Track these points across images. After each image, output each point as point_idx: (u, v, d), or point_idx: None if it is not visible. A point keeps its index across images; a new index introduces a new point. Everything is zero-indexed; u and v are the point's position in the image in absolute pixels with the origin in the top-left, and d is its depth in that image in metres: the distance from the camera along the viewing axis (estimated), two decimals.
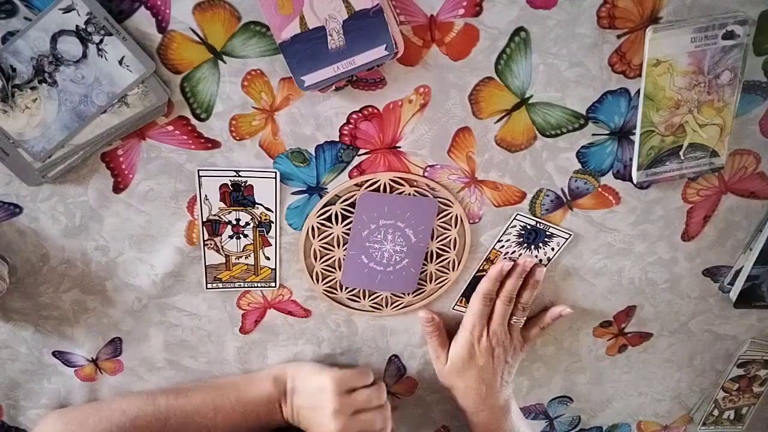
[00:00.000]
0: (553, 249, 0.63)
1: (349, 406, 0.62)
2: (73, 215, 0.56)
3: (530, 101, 0.54)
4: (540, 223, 0.61)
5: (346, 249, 0.61)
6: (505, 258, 0.64)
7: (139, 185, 0.55)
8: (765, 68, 0.55)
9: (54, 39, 0.46)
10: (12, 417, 0.67)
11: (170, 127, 0.53)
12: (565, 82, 0.53)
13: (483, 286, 0.64)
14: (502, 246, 0.63)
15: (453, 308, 0.67)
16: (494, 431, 0.68)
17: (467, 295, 0.66)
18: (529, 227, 0.61)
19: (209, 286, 0.62)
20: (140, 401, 0.61)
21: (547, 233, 0.62)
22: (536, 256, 0.64)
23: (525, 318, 0.67)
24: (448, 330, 0.69)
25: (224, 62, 0.50)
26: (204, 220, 0.58)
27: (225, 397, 0.63)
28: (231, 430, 0.62)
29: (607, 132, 0.57)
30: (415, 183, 0.58)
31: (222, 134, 0.53)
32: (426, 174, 0.58)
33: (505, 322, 0.65)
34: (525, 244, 0.63)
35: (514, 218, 0.61)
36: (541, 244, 0.63)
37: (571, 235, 0.62)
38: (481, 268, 0.64)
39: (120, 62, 0.47)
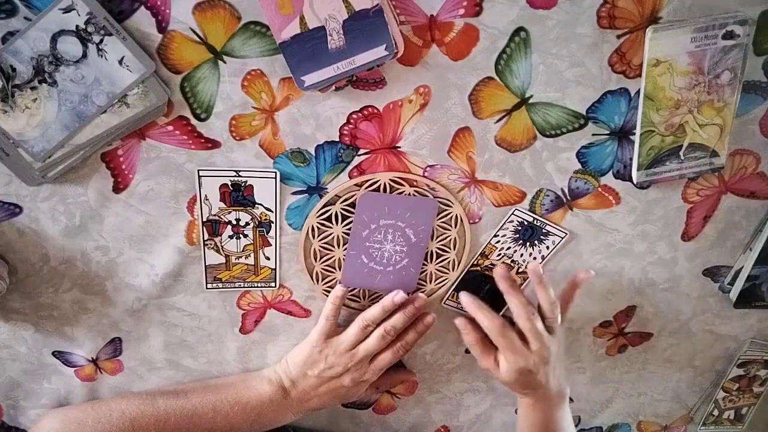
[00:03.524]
0: (548, 247, 0.63)
1: (337, 352, 0.62)
2: (73, 215, 0.56)
3: (530, 101, 0.54)
4: (537, 220, 0.61)
5: (346, 249, 0.61)
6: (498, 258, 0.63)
7: (139, 185, 0.55)
8: (765, 68, 0.55)
9: (54, 39, 0.46)
10: (12, 417, 0.67)
11: (170, 127, 0.53)
12: (565, 82, 0.53)
13: (489, 323, 0.61)
14: (498, 241, 0.63)
15: (444, 303, 0.67)
16: (551, 421, 0.65)
17: (459, 290, 0.66)
18: (526, 224, 0.61)
19: (209, 286, 0.62)
20: (139, 401, 0.61)
21: (544, 231, 0.62)
22: (531, 254, 0.64)
23: (559, 312, 0.62)
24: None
25: (224, 62, 0.50)
26: (204, 220, 0.58)
27: (224, 398, 0.63)
28: (230, 431, 0.62)
29: (607, 132, 0.57)
30: (415, 183, 0.58)
31: (222, 134, 0.53)
32: (426, 174, 0.58)
33: (542, 334, 0.60)
34: (521, 241, 0.63)
35: (512, 213, 0.61)
36: (536, 242, 0.63)
37: (567, 234, 0.62)
38: (474, 262, 0.64)
39: (120, 62, 0.47)
